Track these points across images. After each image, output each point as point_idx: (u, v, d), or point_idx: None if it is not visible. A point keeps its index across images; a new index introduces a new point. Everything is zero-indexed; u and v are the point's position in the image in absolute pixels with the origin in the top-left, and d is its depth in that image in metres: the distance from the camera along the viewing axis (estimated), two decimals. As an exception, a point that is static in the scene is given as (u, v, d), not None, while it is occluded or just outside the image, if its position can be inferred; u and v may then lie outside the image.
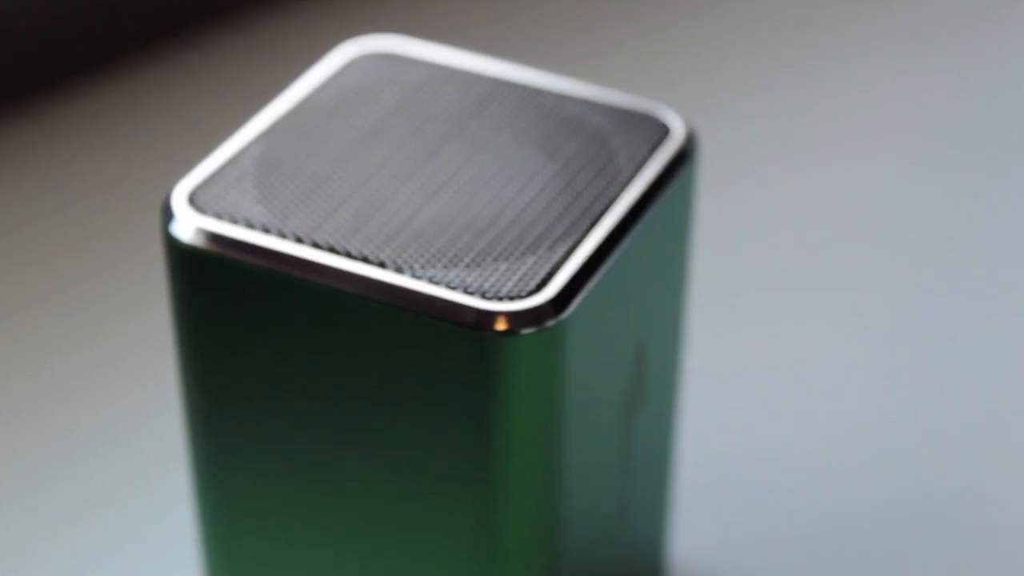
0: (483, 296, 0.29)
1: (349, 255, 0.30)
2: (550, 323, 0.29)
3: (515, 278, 0.30)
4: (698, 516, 0.40)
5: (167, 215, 0.31)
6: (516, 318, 0.29)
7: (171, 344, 0.45)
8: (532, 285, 0.29)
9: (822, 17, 0.60)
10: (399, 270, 0.30)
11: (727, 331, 0.46)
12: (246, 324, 0.31)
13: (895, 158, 0.53)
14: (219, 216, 0.31)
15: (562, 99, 0.34)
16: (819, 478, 0.41)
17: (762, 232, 0.50)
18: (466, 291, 0.29)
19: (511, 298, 0.29)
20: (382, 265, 0.30)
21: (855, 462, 0.42)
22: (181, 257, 0.31)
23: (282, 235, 0.30)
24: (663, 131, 0.33)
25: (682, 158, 0.33)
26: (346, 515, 0.32)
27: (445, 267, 0.30)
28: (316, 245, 0.30)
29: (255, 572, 0.34)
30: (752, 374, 0.44)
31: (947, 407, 0.44)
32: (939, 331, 0.46)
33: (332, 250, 0.30)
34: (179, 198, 0.31)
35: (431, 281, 0.29)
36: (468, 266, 0.30)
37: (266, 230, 0.31)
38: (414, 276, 0.30)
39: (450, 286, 0.29)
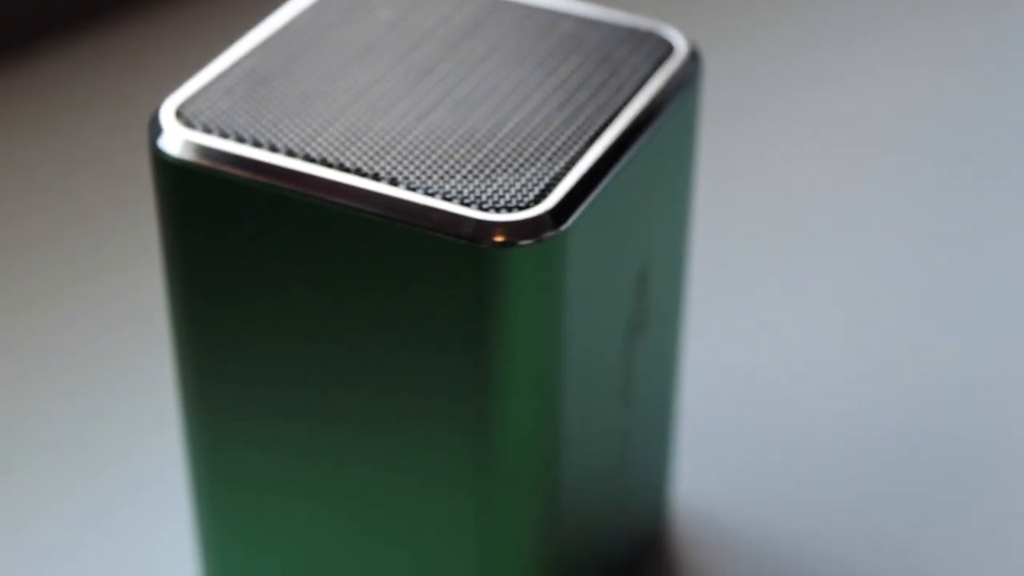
0: (480, 207, 0.28)
1: (342, 168, 0.29)
2: (549, 235, 0.28)
3: (513, 189, 0.29)
4: (701, 450, 0.40)
5: (155, 130, 0.30)
6: (514, 229, 0.28)
7: (161, 301, 0.44)
8: (531, 196, 0.29)
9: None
10: (394, 182, 0.29)
11: (731, 264, 0.45)
12: (236, 241, 0.30)
13: (911, 88, 0.52)
14: (208, 130, 0.30)
15: (561, 17, 0.33)
16: (823, 412, 0.41)
17: (770, 162, 0.49)
18: (463, 202, 0.28)
19: (509, 209, 0.28)
20: (376, 177, 0.29)
21: (862, 395, 0.41)
22: (169, 172, 0.30)
23: (273, 148, 0.30)
24: (666, 48, 0.32)
25: (686, 75, 0.32)
26: (338, 439, 0.31)
27: (441, 179, 0.29)
28: (308, 158, 0.29)
29: (246, 524, 0.33)
30: (756, 308, 0.44)
31: (956, 347, 0.43)
32: (950, 264, 0.45)
33: (325, 163, 0.29)
34: (167, 112, 0.30)
35: (427, 192, 0.29)
36: (465, 177, 0.29)
37: (257, 144, 0.30)
38: (409, 188, 0.29)
39: (446, 197, 0.28)
